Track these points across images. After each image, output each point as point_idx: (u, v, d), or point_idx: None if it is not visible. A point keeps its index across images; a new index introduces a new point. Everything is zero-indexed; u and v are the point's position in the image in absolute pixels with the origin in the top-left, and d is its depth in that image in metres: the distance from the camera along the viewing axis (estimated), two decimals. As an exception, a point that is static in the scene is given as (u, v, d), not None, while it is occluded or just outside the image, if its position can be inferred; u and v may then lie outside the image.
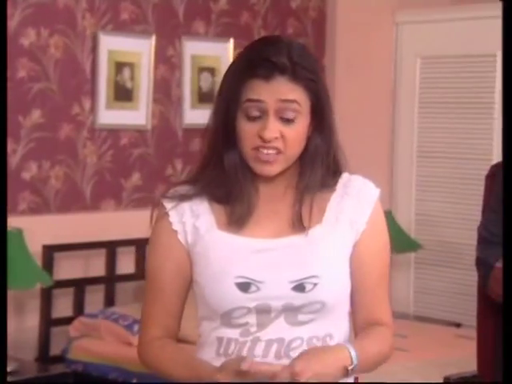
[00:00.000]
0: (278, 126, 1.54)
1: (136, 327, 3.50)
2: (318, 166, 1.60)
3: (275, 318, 1.56)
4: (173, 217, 1.60)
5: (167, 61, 4.04)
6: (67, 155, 3.77)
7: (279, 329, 1.56)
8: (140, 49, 3.93)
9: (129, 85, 3.91)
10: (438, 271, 4.26)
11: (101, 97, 3.81)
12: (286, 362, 1.53)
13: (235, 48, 4.20)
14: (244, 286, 1.54)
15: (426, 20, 4.39)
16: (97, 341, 3.54)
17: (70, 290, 3.70)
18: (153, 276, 1.62)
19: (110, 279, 3.83)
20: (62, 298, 3.70)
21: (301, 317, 1.56)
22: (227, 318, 1.57)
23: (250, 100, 1.54)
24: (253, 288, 1.54)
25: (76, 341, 3.57)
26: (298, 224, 1.59)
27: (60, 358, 3.59)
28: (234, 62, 1.60)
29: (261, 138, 1.54)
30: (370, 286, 1.61)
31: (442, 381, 2.69)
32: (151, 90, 3.96)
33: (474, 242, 4.11)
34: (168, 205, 1.61)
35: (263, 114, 1.55)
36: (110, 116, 3.86)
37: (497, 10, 4.22)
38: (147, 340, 1.62)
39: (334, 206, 1.60)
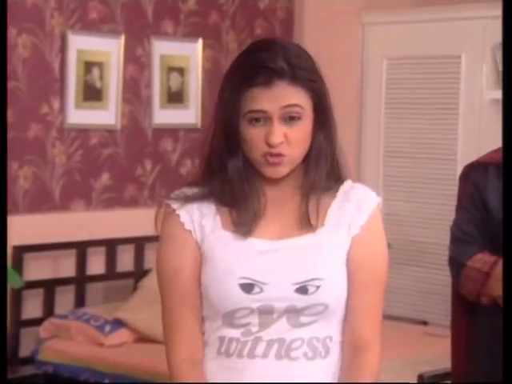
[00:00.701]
0: (282, 129, 1.56)
1: (107, 328, 3.50)
2: (323, 164, 1.61)
3: (277, 319, 1.57)
4: (183, 216, 1.61)
5: (136, 60, 4.03)
6: (36, 155, 3.74)
7: (281, 330, 1.57)
8: (109, 48, 3.91)
9: (98, 84, 3.89)
10: (405, 270, 4.31)
11: (70, 96, 3.80)
12: (286, 361, 1.56)
13: (204, 48, 4.21)
14: (247, 287, 1.56)
15: (393, 21, 4.44)
16: (67, 342, 3.53)
17: (40, 291, 3.68)
18: (172, 277, 1.60)
19: (80, 280, 3.81)
20: (32, 298, 3.68)
21: (303, 318, 1.57)
22: (229, 318, 1.58)
23: (252, 111, 1.55)
24: (256, 289, 1.56)
25: (46, 342, 3.56)
26: (306, 223, 1.60)
27: (30, 360, 3.57)
28: (230, 71, 1.60)
29: (267, 143, 1.56)
30: (357, 295, 1.60)
31: (415, 378, 2.73)
32: (120, 90, 3.95)
33: (441, 240, 4.22)
34: (176, 205, 1.62)
35: (266, 120, 1.56)
36: (79, 116, 3.84)
37: (461, 12, 4.30)
38: (178, 358, 1.59)
39: (336, 210, 1.62)
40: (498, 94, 4.21)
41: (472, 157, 4.14)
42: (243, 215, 1.59)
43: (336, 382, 1.61)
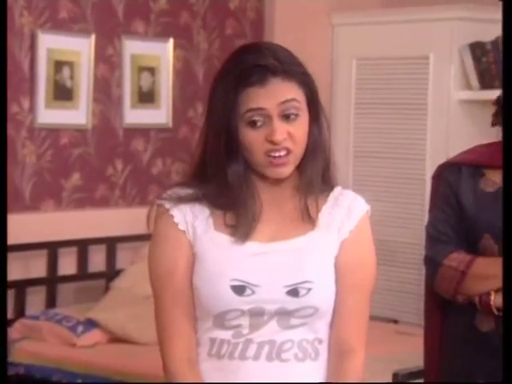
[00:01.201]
0: (284, 126, 1.57)
1: (80, 328, 3.48)
2: (319, 159, 1.62)
3: (268, 321, 1.58)
4: (177, 217, 1.60)
5: (107, 60, 4.02)
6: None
7: (271, 331, 1.59)
8: (79, 48, 3.89)
9: (68, 84, 3.87)
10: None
11: (40, 96, 3.76)
12: (277, 363, 1.58)
13: (175, 48, 4.20)
14: (239, 289, 1.57)
15: (362, 22, 4.47)
16: (39, 342, 3.50)
17: (11, 292, 3.64)
18: (167, 278, 1.60)
19: (52, 280, 3.78)
20: (2, 299, 3.65)
21: (293, 321, 1.59)
22: (220, 319, 1.59)
23: (251, 110, 1.56)
24: (248, 291, 1.57)
25: (17, 343, 3.52)
26: (307, 215, 1.61)
27: (1, 361, 3.53)
28: (221, 74, 1.61)
29: (270, 142, 1.56)
30: (344, 298, 1.62)
31: (388, 376, 2.76)
32: (91, 90, 3.93)
33: (411, 240, 4.28)
34: (169, 205, 1.61)
35: (266, 119, 1.57)
36: (49, 115, 3.81)
37: (429, 14, 4.34)
38: (177, 358, 1.60)
39: (327, 214, 1.63)
40: (465, 95, 4.27)
41: (440, 156, 4.21)
42: (241, 218, 1.59)
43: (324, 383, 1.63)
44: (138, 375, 3.19)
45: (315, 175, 1.62)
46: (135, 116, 4.07)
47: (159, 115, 4.16)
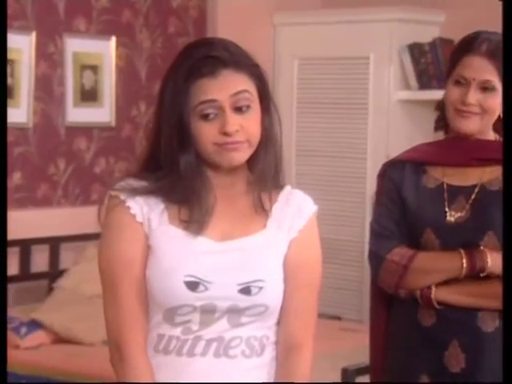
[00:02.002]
0: (236, 119, 1.57)
1: (23, 329, 3.42)
2: (271, 151, 1.63)
3: (218, 319, 1.59)
4: (134, 208, 1.60)
5: (48, 58, 3.96)
6: None
7: (221, 329, 1.59)
8: (20, 45, 3.82)
9: (9, 82, 3.80)
10: (319, 266, 4.39)
11: (-20, 94, 3.70)
12: (224, 360, 1.59)
13: (117, 46, 4.17)
14: (192, 285, 1.57)
15: (303, 22, 4.50)
16: (-19, 345, 3.44)
17: (-49, 294, 3.57)
18: (124, 268, 1.58)
19: (-7, 281, 3.72)
20: None
21: (243, 319, 1.60)
22: (171, 314, 1.58)
23: (203, 102, 1.56)
24: (201, 288, 1.57)
25: (-42, 345, 3.46)
26: (260, 208, 1.62)
27: None
28: (172, 68, 1.60)
29: (223, 134, 1.56)
30: (291, 296, 1.63)
31: (334, 372, 2.79)
32: (32, 88, 3.86)
33: (353, 238, 4.33)
34: (124, 196, 1.60)
35: (219, 111, 1.57)
36: (-11, 114, 3.74)
37: (369, 15, 4.40)
38: (135, 345, 1.58)
39: (277, 214, 1.65)
40: (404, 95, 4.35)
41: (381, 155, 4.29)
42: (195, 212, 1.59)
43: (271, 378, 1.64)
44: (84, 375, 3.16)
45: (267, 167, 1.63)
46: (77, 115, 4.03)
47: (102, 114, 4.12)
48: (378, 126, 4.28)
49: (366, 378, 2.70)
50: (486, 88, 2.06)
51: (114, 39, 4.14)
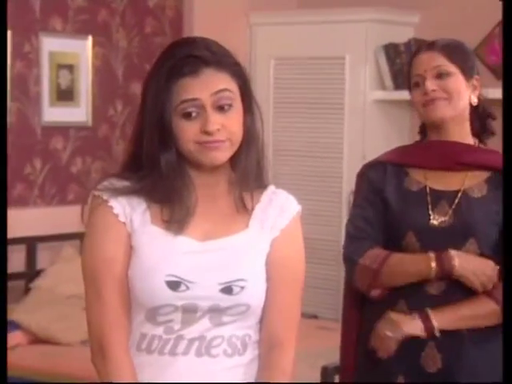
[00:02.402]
0: (217, 117, 1.57)
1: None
2: (253, 150, 1.63)
3: (200, 318, 1.59)
4: (117, 208, 1.60)
5: (24, 57, 3.93)
6: None
7: (203, 328, 1.60)
8: (-5, 44, 3.80)
9: (-16, 81, 3.77)
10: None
11: (-45, 93, 3.66)
12: (206, 359, 1.59)
13: (94, 45, 4.15)
14: (174, 285, 1.57)
15: (279, 22, 4.51)
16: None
17: None
18: (107, 266, 1.59)
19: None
20: None
21: (225, 318, 1.60)
22: (153, 313, 1.59)
23: (184, 101, 1.56)
24: (182, 287, 1.57)
25: None
26: (242, 207, 1.62)
27: None
28: (154, 67, 1.61)
29: (205, 132, 1.56)
30: (273, 294, 1.63)
31: (312, 371, 2.80)
32: (8, 87, 3.84)
33: (329, 237, 4.34)
34: (107, 196, 1.60)
35: (201, 110, 1.57)
36: (-35, 113, 3.71)
37: (345, 15, 4.42)
38: (118, 345, 1.58)
39: (259, 213, 1.65)
40: (379, 95, 4.37)
41: (357, 154, 4.31)
42: (176, 212, 1.59)
43: (253, 377, 1.64)
44: (62, 375, 3.15)
45: (249, 167, 1.63)
46: (54, 114, 4.00)
47: (78, 113, 4.10)
48: (353, 126, 4.30)
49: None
50: (440, 74, 2.09)
51: (90, 39, 4.12)
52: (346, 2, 4.50)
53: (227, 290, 1.59)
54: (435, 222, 2.08)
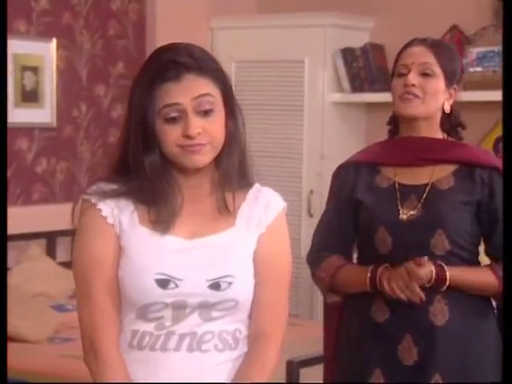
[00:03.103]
0: (198, 121, 1.61)
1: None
2: (235, 153, 1.67)
3: (190, 314, 1.62)
4: (105, 211, 1.64)
5: (-11, 59, 3.94)
6: None
7: (193, 324, 1.63)
8: (-40, 46, 3.81)
9: (-51, 82, 3.78)
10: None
11: None
12: (197, 354, 1.62)
13: (58, 48, 4.17)
14: (163, 283, 1.60)
15: (240, 26, 4.57)
16: None
17: None
18: (97, 267, 1.62)
19: None
20: None
21: (214, 313, 1.64)
22: (144, 311, 1.62)
23: (167, 105, 1.60)
24: (171, 285, 1.61)
25: None
26: (224, 209, 1.66)
27: None
28: (140, 73, 1.65)
29: (186, 136, 1.60)
30: (260, 290, 1.66)
31: (283, 365, 2.84)
32: (-27, 88, 3.85)
33: (294, 235, 4.39)
34: (96, 200, 1.65)
35: (182, 114, 1.61)
36: None
37: (303, 20, 4.49)
38: (111, 343, 1.62)
39: (246, 211, 1.69)
40: (337, 97, 4.46)
41: (316, 154, 4.40)
42: (162, 212, 1.63)
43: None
44: (31, 373, 3.16)
45: (231, 168, 1.66)
46: (18, 115, 4.01)
47: (43, 114, 4.12)
48: (312, 127, 4.38)
49: (310, 370, 2.77)
50: (425, 73, 2.14)
51: (54, 41, 4.14)
52: (304, 7, 4.59)
53: (215, 286, 1.62)
54: (404, 217, 2.13)
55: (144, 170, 1.63)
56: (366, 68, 4.38)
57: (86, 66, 4.30)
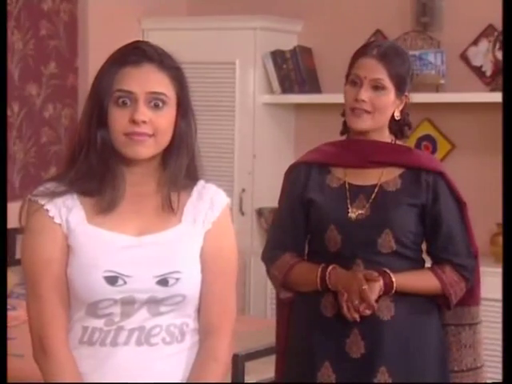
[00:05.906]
0: (147, 111, 1.60)
1: None
2: (184, 154, 1.66)
3: (138, 309, 1.62)
4: (52, 211, 1.62)
5: None
6: None
7: (141, 319, 1.62)
8: None
9: None
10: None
11: None
12: (146, 347, 1.62)
13: (-11, 47, 4.05)
14: (112, 280, 1.60)
15: (171, 28, 4.51)
16: None
17: None
18: (43, 267, 1.61)
19: None
20: None
21: (162, 308, 1.63)
22: (93, 308, 1.61)
23: (120, 90, 1.59)
24: (120, 282, 1.60)
25: None
26: (168, 208, 1.64)
27: None
28: (103, 65, 1.64)
29: (132, 121, 1.59)
30: (208, 284, 1.67)
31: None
32: None
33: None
34: (43, 201, 1.62)
35: (133, 101, 1.60)
36: None
37: (234, 23, 4.47)
38: (59, 340, 1.60)
39: (191, 208, 1.68)
40: (268, 99, 4.46)
41: (247, 154, 4.40)
42: (109, 192, 1.61)
43: (192, 363, 1.67)
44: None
45: (178, 170, 1.66)
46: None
47: (-26, 114, 3.99)
48: (244, 127, 4.38)
49: (255, 363, 2.78)
50: (377, 87, 2.16)
51: (-14, 40, 4.02)
52: (234, 10, 4.58)
53: (163, 282, 1.62)
54: (353, 216, 2.17)
55: (95, 145, 1.60)
56: (296, 70, 4.41)
57: (18, 66, 4.17)
